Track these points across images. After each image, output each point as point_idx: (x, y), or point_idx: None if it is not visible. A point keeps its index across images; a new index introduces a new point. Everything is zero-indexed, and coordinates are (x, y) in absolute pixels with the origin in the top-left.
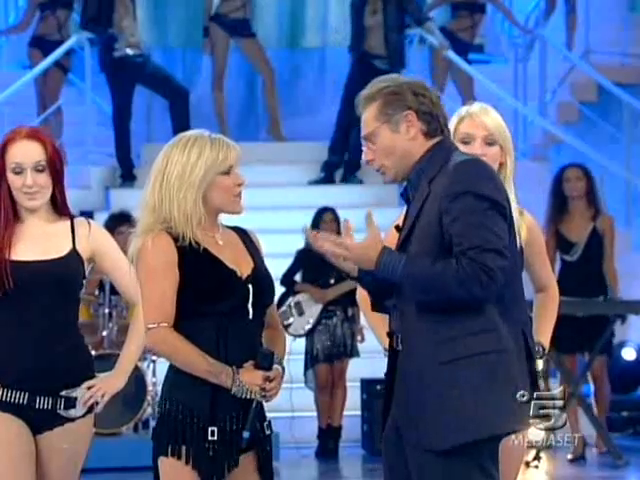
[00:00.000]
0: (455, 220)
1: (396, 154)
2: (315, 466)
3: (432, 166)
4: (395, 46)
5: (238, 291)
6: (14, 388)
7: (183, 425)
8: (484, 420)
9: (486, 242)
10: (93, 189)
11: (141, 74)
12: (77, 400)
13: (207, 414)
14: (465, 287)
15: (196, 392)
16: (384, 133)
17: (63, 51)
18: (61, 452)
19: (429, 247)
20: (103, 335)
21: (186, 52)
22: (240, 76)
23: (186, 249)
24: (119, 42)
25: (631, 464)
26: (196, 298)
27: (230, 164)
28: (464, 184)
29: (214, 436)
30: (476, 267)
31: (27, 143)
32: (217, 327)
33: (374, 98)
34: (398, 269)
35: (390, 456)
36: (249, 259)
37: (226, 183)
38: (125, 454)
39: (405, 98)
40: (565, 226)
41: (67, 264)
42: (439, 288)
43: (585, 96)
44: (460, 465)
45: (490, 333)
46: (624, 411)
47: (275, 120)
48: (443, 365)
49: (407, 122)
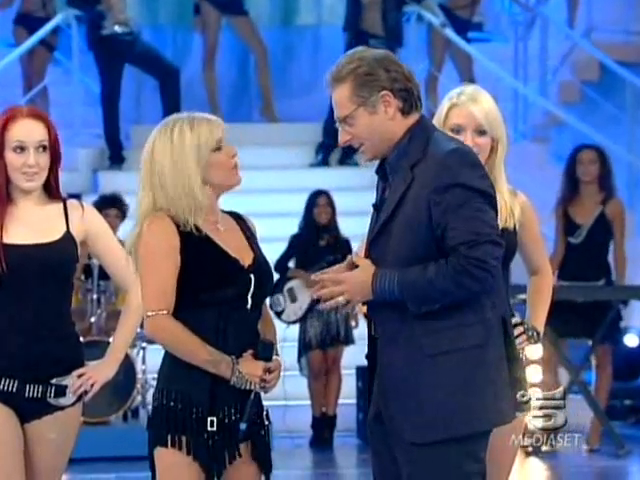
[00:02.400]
0: (445, 213)
1: (375, 135)
2: (309, 456)
3: (413, 149)
4: (393, 24)
5: (240, 281)
6: (3, 376)
7: (183, 415)
8: (466, 416)
9: (478, 235)
10: (81, 171)
11: (130, 53)
12: (67, 388)
13: (206, 404)
14: (462, 285)
15: (195, 382)
16: (361, 116)
17: (49, 29)
18: (49, 441)
19: (415, 234)
20: (91, 321)
21: (176, 30)
22: (232, 55)
23: (188, 235)
24: (107, 19)
25: (633, 453)
26: (197, 286)
27: (218, 138)
28: (452, 176)
29: (213, 426)
30: (467, 263)
31: (30, 122)
32: (217, 316)
33: (344, 79)
34: (395, 289)
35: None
36: (249, 247)
37: (220, 158)
38: (114, 443)
39: (379, 78)
40: (573, 208)
41: (62, 248)
42: (439, 294)
43: (587, 75)
44: (445, 457)
45: (477, 325)
46: (626, 399)
47: (268, 100)
48: (429, 357)
49: (384, 102)
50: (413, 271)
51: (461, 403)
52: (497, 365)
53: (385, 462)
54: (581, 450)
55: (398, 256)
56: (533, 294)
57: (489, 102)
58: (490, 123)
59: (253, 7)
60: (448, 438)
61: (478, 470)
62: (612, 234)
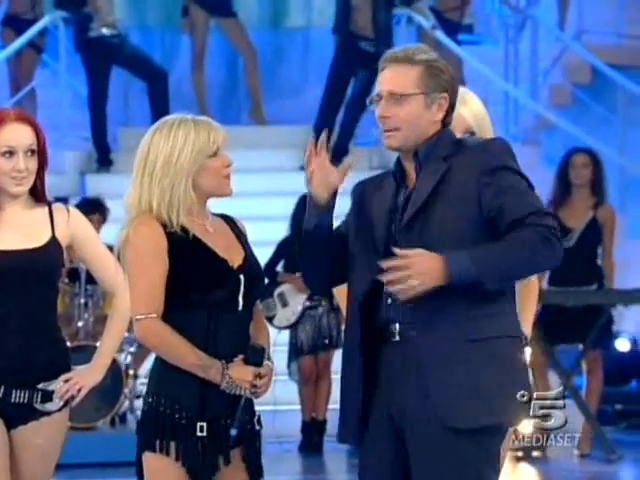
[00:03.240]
0: (498, 193)
1: (415, 128)
2: (299, 461)
3: (442, 145)
4: (383, 26)
5: (230, 281)
6: None
7: (172, 420)
8: (510, 405)
9: (539, 207)
10: (68, 174)
11: (118, 55)
12: (54, 394)
13: (196, 409)
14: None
15: (185, 387)
16: (418, 103)
17: (37, 30)
18: (36, 447)
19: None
20: (79, 326)
21: (165, 32)
22: (221, 57)
23: (176, 236)
24: (95, 21)
25: (624, 459)
26: (186, 288)
27: (217, 145)
28: (498, 160)
29: (203, 432)
30: (543, 229)
31: (19, 126)
32: (207, 318)
33: (416, 63)
34: (471, 268)
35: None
36: (240, 248)
37: (214, 165)
38: (101, 449)
39: (446, 79)
40: (565, 212)
41: (47, 253)
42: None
43: (578, 78)
44: (480, 446)
45: (512, 316)
46: (618, 404)
47: (257, 103)
48: (472, 343)
49: (439, 103)
50: (484, 246)
51: (505, 391)
52: (522, 358)
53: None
54: (572, 455)
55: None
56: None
57: (477, 104)
58: (479, 124)
59: (242, 9)
60: (492, 425)
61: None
62: (602, 239)
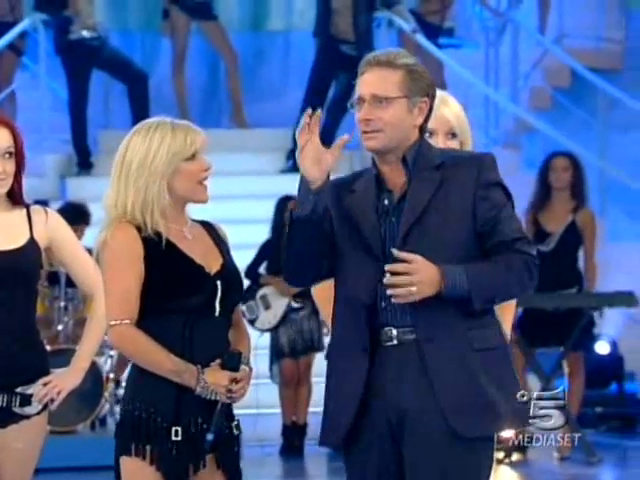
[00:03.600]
0: (493, 209)
1: (396, 131)
2: (280, 464)
3: (430, 154)
4: (363, 30)
5: (206, 288)
6: None
7: (147, 424)
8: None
9: (524, 233)
10: (48, 177)
11: (98, 57)
12: (32, 397)
13: (171, 414)
14: (522, 280)
15: (161, 391)
16: (399, 106)
17: (16, 33)
18: (15, 451)
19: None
20: (59, 329)
21: (145, 35)
22: (202, 60)
23: (152, 242)
24: (75, 24)
25: (604, 461)
26: (162, 294)
27: (195, 149)
28: (493, 175)
29: (178, 436)
30: (526, 258)
31: None
32: (183, 325)
33: (399, 67)
34: (464, 283)
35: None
36: (218, 254)
37: (190, 169)
38: (81, 453)
39: (427, 84)
40: (544, 216)
41: (26, 254)
42: (502, 290)
43: (558, 82)
44: (481, 454)
45: (499, 326)
46: (598, 407)
47: (238, 106)
48: (477, 352)
49: (420, 108)
50: (479, 267)
51: (508, 400)
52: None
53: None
54: (552, 458)
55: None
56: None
57: (457, 106)
58: (460, 126)
59: (223, 12)
60: (495, 434)
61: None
62: (582, 242)
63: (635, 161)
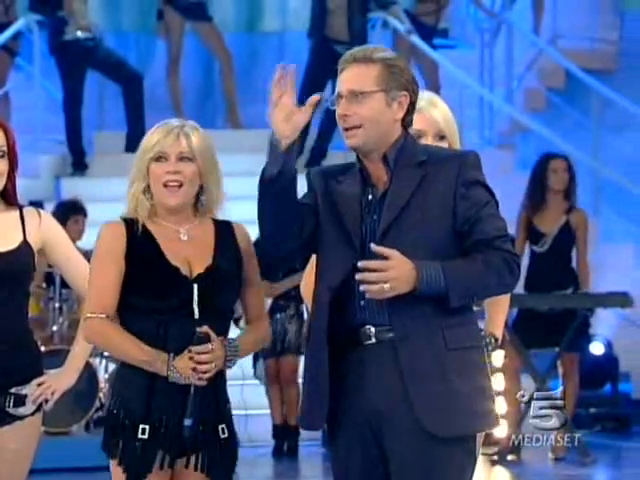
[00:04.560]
0: (473, 207)
1: (376, 125)
2: (272, 465)
3: (413, 151)
4: (358, 30)
5: (179, 290)
6: None
7: (117, 420)
8: (486, 414)
9: (504, 231)
10: (43, 178)
11: (92, 58)
12: (26, 398)
13: (140, 411)
14: (502, 277)
15: (132, 388)
16: (378, 101)
17: (10, 34)
18: (9, 452)
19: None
20: (53, 330)
21: (140, 36)
22: (196, 61)
23: (137, 241)
24: (69, 25)
25: (598, 462)
26: (137, 293)
27: (158, 150)
28: (475, 174)
29: (145, 434)
30: (506, 256)
31: None
32: (157, 324)
33: (375, 61)
34: (441, 280)
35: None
36: (209, 257)
37: (154, 170)
38: (75, 454)
39: (406, 78)
40: (538, 217)
41: (19, 257)
42: (480, 287)
43: (552, 82)
44: (459, 453)
45: (475, 326)
46: (592, 407)
47: (233, 107)
48: (452, 352)
49: (400, 102)
50: (457, 264)
51: (482, 400)
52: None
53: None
54: (547, 458)
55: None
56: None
57: (445, 107)
58: (448, 128)
59: (217, 13)
60: (470, 433)
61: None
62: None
63: (629, 162)
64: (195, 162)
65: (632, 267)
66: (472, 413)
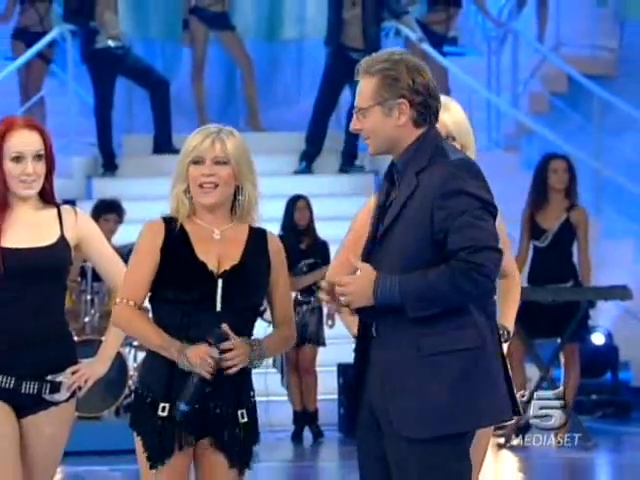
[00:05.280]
0: (448, 218)
1: (382, 136)
2: (291, 449)
3: (419, 157)
4: (372, 38)
5: (204, 284)
6: (1, 373)
7: (141, 399)
8: (464, 415)
9: (477, 241)
10: (75, 178)
11: (122, 65)
12: (62, 385)
13: (161, 391)
14: (458, 290)
15: (155, 372)
16: (376, 114)
17: (46, 43)
18: (45, 436)
19: (417, 237)
20: (85, 321)
21: (166, 44)
22: (219, 68)
23: (173, 238)
24: (100, 34)
25: (600, 446)
26: (166, 284)
27: (196, 154)
28: (457, 184)
29: (164, 412)
30: (466, 266)
31: (27, 132)
32: (181, 315)
33: (373, 74)
34: (395, 294)
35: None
36: (238, 257)
37: (192, 173)
38: (106, 437)
39: (402, 86)
40: (540, 214)
41: (56, 252)
42: (438, 299)
43: (556, 87)
44: (441, 454)
45: (471, 329)
46: (593, 394)
47: (254, 111)
48: (427, 357)
49: (399, 109)
50: (413, 277)
51: (459, 401)
52: (492, 366)
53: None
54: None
55: (397, 258)
56: (503, 295)
57: (459, 112)
58: (458, 131)
59: (240, 22)
60: (444, 435)
61: (468, 468)
62: (575, 238)
63: (629, 162)
64: (230, 165)
65: (632, 262)
66: (447, 415)
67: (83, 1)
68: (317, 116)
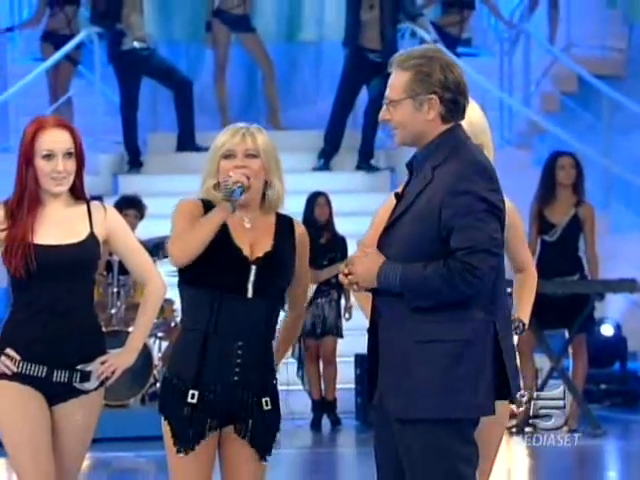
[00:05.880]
0: (453, 217)
1: (411, 129)
2: (310, 436)
3: (438, 153)
4: (389, 40)
5: (237, 269)
6: (34, 362)
7: (172, 386)
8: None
9: (476, 243)
10: (102, 175)
11: (147, 66)
12: (91, 374)
13: (191, 379)
14: (451, 287)
15: (185, 357)
16: (406, 107)
17: (73, 45)
18: (75, 423)
19: (422, 230)
20: (112, 313)
21: (190, 46)
22: (241, 68)
23: None
24: (126, 36)
25: (608, 433)
26: (198, 266)
27: (227, 148)
28: (467, 184)
29: (194, 399)
30: (462, 267)
31: (57, 131)
32: (212, 297)
33: (407, 69)
34: (397, 281)
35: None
36: (268, 245)
37: (224, 166)
38: (133, 425)
39: (434, 82)
40: (549, 209)
41: (86, 248)
42: (432, 292)
43: (566, 87)
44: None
45: (465, 322)
46: (602, 384)
47: (274, 110)
48: (417, 343)
49: (429, 104)
50: (414, 268)
51: (441, 389)
52: (481, 361)
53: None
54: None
55: (402, 247)
56: (519, 289)
57: (476, 113)
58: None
59: (260, 24)
60: (427, 418)
61: (467, 453)
62: (583, 233)
63: (637, 159)
64: (260, 158)
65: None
66: (430, 399)
67: (110, 4)
68: (335, 115)
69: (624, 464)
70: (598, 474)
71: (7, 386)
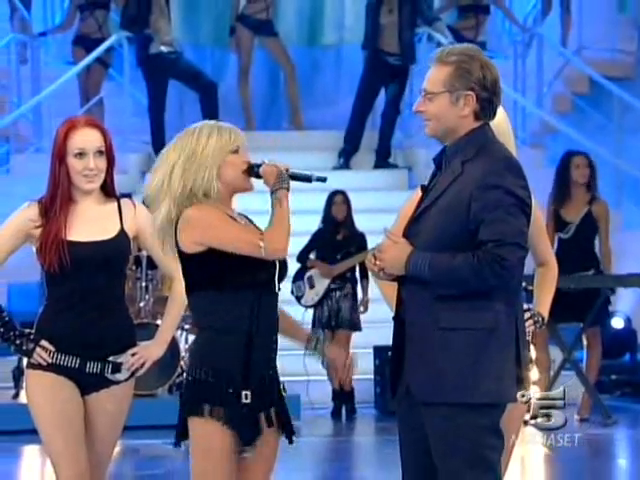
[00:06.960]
0: (483, 210)
1: (444, 122)
2: (331, 425)
3: (468, 149)
4: (408, 44)
5: (268, 265)
6: (67, 353)
7: (219, 389)
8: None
9: (505, 236)
10: (131, 174)
11: (174, 69)
12: (122, 365)
13: (240, 379)
14: (480, 277)
15: (229, 358)
16: (443, 100)
17: (104, 48)
18: (106, 412)
19: (450, 222)
20: (140, 306)
21: (215, 50)
22: (264, 71)
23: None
24: (154, 41)
25: (619, 423)
26: (238, 267)
27: (237, 144)
28: (497, 179)
29: (247, 399)
30: (491, 258)
31: (89, 131)
32: (253, 299)
33: (448, 64)
34: (425, 269)
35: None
36: None
37: (234, 160)
38: (160, 413)
39: (473, 79)
40: (564, 207)
41: (118, 244)
42: (459, 282)
43: (578, 88)
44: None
45: (487, 312)
46: (613, 375)
47: (296, 111)
48: (441, 330)
49: (466, 100)
50: (443, 257)
51: (467, 375)
52: (502, 350)
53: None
54: (573, 420)
55: (428, 238)
56: (540, 282)
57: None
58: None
59: (283, 29)
60: (453, 402)
61: (492, 439)
62: (597, 230)
63: None
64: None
65: None
66: (452, 384)
67: (139, 10)
68: (355, 116)
69: (634, 452)
70: (609, 462)
71: (42, 376)
